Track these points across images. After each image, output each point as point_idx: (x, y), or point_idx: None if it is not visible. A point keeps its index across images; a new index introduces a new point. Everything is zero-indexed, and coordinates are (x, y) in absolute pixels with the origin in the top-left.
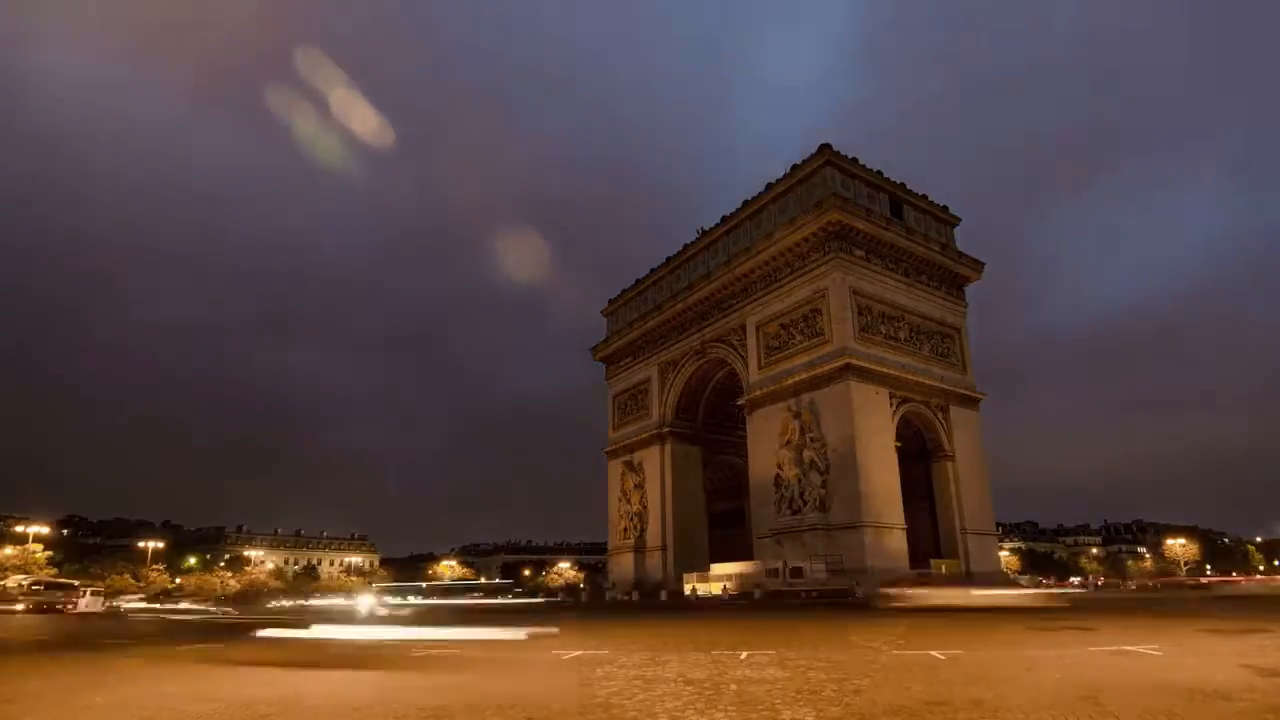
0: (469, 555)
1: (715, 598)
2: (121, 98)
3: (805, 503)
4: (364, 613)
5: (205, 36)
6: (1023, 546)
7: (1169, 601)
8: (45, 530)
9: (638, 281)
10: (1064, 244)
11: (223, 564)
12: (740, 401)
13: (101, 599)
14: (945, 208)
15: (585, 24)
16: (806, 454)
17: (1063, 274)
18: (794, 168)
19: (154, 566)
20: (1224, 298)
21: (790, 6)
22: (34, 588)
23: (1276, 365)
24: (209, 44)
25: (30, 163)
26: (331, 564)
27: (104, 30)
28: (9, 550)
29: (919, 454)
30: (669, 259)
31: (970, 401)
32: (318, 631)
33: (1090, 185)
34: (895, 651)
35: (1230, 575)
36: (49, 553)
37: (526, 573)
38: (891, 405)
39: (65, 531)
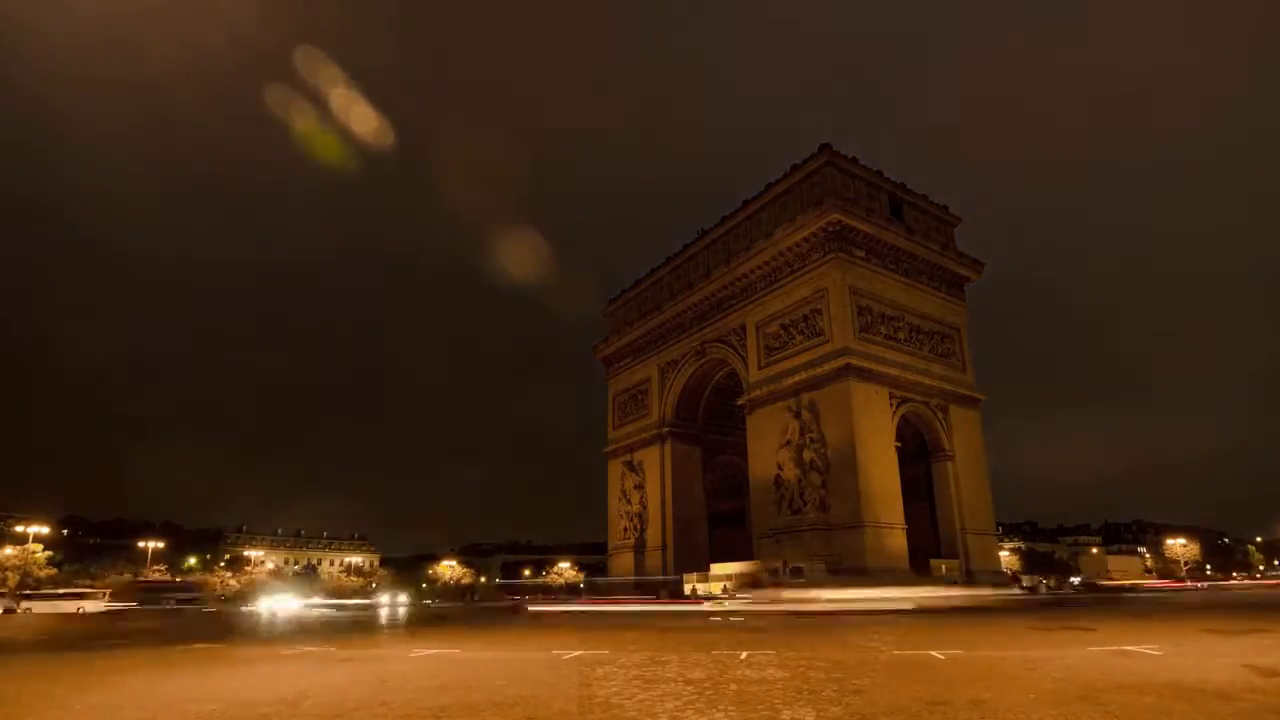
0: (469, 555)
1: (715, 598)
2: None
3: (805, 502)
4: None
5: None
6: (1023, 547)
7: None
8: (45, 530)
9: (638, 281)
10: None
11: (223, 564)
12: (740, 401)
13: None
14: (945, 207)
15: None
16: (806, 454)
17: None
18: (794, 168)
19: (154, 567)
20: None
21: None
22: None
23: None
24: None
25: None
26: (332, 564)
27: None
28: (9, 550)
29: (919, 454)
30: (669, 258)
31: (970, 401)
32: None
33: None
34: (895, 651)
35: (1233, 575)
36: (49, 553)
37: (527, 573)
38: (891, 405)
39: (65, 531)
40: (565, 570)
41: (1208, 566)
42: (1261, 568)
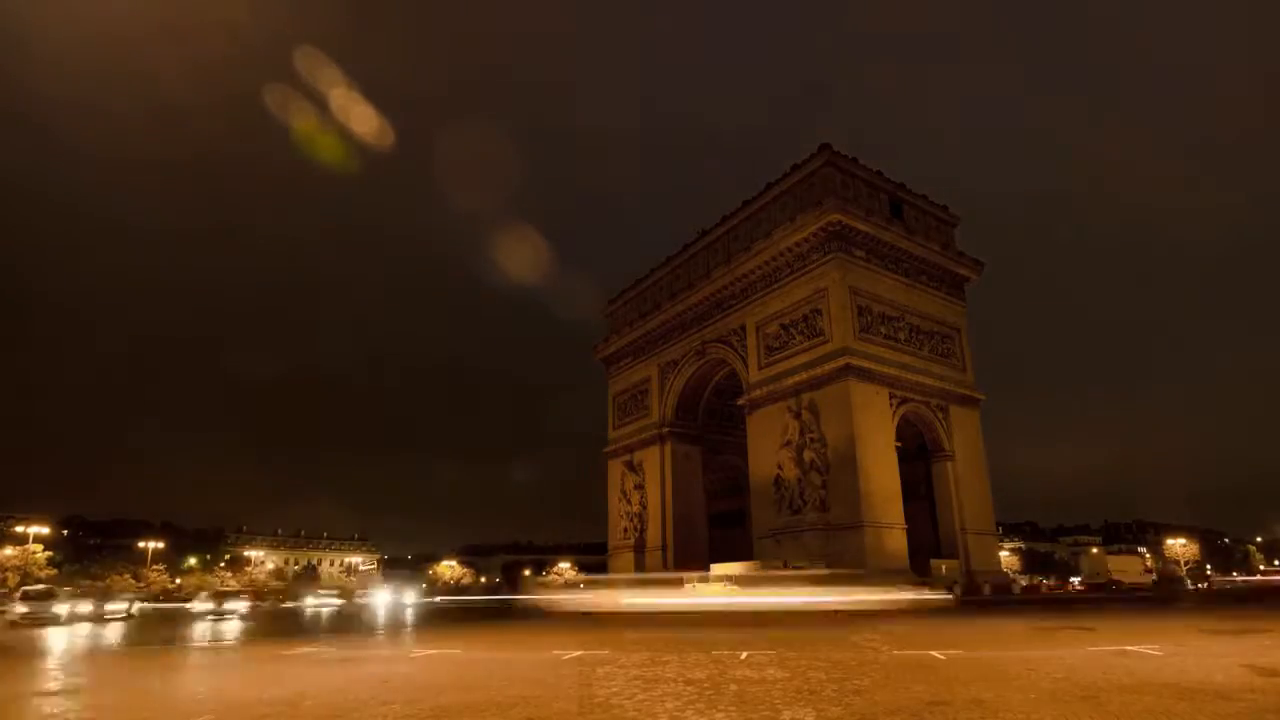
0: (469, 555)
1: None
2: None
3: (805, 503)
4: None
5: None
6: (1023, 547)
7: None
8: (45, 530)
9: (638, 281)
10: None
11: (223, 564)
12: (740, 401)
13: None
14: (945, 207)
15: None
16: (806, 454)
17: None
18: (794, 167)
19: (154, 567)
20: None
21: None
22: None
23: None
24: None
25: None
26: (332, 564)
27: None
28: (9, 550)
29: (919, 454)
30: (669, 258)
31: (970, 401)
32: None
33: None
34: (895, 651)
35: (1232, 575)
36: (49, 553)
37: (527, 573)
38: (891, 405)
39: (65, 531)
40: (565, 570)
41: (1208, 566)
42: (1262, 567)
